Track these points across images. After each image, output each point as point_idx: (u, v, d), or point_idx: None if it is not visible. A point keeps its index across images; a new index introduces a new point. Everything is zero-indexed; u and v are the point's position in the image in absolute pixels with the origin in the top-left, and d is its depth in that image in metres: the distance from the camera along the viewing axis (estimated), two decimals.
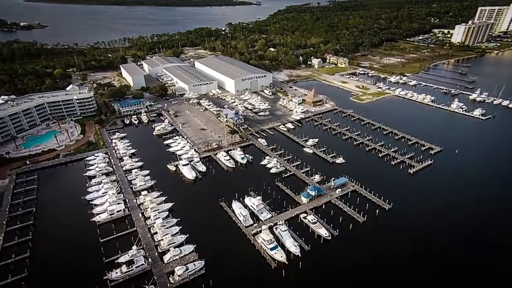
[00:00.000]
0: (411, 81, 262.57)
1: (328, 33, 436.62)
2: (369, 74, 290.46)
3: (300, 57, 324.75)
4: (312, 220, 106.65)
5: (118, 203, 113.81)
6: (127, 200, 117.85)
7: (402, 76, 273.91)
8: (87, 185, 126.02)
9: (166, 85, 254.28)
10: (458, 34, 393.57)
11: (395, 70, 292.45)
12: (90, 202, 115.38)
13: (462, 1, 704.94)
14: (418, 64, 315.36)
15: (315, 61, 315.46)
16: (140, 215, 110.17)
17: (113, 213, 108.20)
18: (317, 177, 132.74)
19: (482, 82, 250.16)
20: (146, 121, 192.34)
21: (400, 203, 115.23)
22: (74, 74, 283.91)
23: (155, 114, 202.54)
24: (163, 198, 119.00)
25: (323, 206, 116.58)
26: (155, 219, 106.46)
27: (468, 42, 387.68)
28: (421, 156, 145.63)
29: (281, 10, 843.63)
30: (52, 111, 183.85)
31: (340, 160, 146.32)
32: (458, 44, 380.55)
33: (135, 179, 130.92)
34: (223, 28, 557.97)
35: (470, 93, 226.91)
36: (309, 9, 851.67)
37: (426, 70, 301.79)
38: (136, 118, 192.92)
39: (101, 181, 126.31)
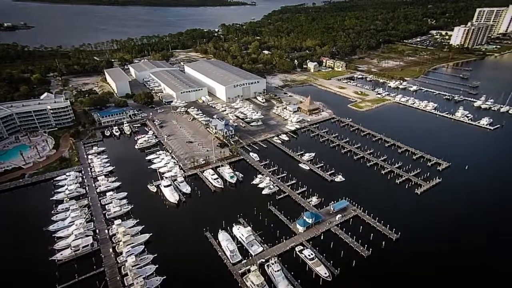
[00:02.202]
0: (411, 86, 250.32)
1: (324, 35, 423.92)
2: (367, 79, 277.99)
3: (295, 61, 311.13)
4: (309, 255, 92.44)
5: (87, 235, 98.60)
6: (97, 230, 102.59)
7: (401, 81, 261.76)
8: (52, 212, 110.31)
9: (153, 91, 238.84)
10: (457, 36, 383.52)
11: (394, 74, 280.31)
12: (53, 235, 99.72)
13: (458, 2, 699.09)
14: (417, 67, 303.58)
15: (311, 65, 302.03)
16: (111, 250, 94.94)
17: (78, 249, 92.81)
18: (314, 200, 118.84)
19: (486, 87, 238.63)
20: (128, 133, 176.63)
21: (409, 231, 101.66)
22: (55, 79, 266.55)
23: (138, 125, 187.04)
24: (140, 228, 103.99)
25: (322, 236, 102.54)
26: (128, 255, 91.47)
27: (468, 44, 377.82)
28: (428, 173, 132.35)
29: (276, 10, 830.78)
30: (22, 122, 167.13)
31: (339, 178, 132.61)
32: (457, 46, 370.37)
33: (109, 203, 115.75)
34: (216, 30, 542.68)
35: (474, 100, 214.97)
36: (304, 9, 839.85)
37: (425, 74, 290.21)
38: (117, 129, 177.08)
39: (68, 207, 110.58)
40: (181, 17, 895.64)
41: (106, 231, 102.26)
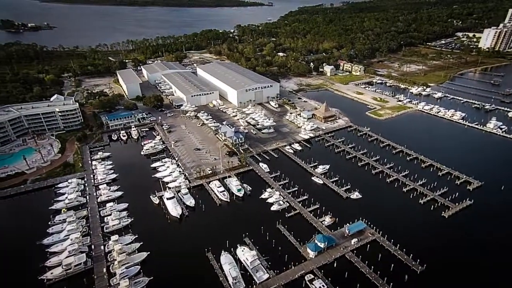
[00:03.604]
0: (435, 93, 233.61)
1: (341, 37, 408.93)
2: (387, 84, 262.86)
3: (311, 64, 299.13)
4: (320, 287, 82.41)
5: (81, 252, 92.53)
6: (93, 246, 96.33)
7: (425, 87, 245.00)
8: (49, 223, 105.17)
9: (163, 94, 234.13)
10: (487, 38, 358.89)
11: (417, 79, 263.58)
12: (47, 249, 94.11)
13: (486, 2, 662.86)
14: (442, 72, 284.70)
15: (328, 68, 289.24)
16: (104, 270, 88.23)
17: (70, 268, 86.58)
18: (327, 219, 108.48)
19: None
20: (135, 137, 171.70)
21: (435, 263, 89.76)
22: (69, 80, 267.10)
23: (147, 129, 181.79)
24: (137, 245, 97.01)
25: (335, 264, 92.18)
26: (121, 278, 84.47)
27: (499, 47, 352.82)
28: (457, 194, 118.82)
29: (293, 11, 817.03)
30: (30, 124, 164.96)
31: (355, 195, 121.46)
32: (487, 49, 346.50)
33: (109, 215, 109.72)
34: (232, 30, 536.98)
35: (508, 109, 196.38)
36: (322, 10, 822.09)
37: (451, 79, 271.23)
38: (125, 134, 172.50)
39: (65, 219, 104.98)
40: (198, 18, 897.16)
41: (102, 247, 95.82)
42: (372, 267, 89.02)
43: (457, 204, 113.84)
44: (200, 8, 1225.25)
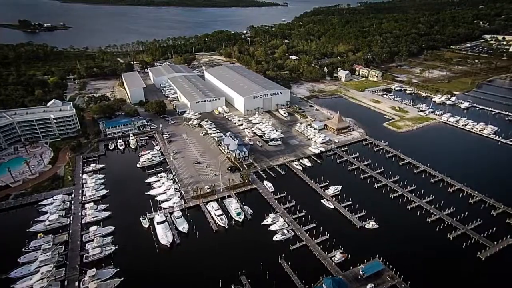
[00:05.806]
0: (462, 102, 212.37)
1: (358, 40, 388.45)
2: (407, 91, 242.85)
3: (325, 68, 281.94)
4: None
5: None
6: (66, 282, 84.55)
7: (449, 95, 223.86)
8: (23, 249, 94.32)
9: (168, 99, 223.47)
10: None
11: (440, 87, 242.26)
12: (12, 285, 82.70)
13: None
14: (469, 79, 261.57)
15: (342, 74, 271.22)
16: None
17: None
18: (337, 255, 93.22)
19: None
20: (133, 147, 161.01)
21: None
22: (73, 82, 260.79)
23: (146, 137, 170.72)
24: (118, 281, 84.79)
25: None
26: None
27: None
28: (494, 228, 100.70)
29: (308, 12, 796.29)
30: (24, 132, 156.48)
31: (371, 224, 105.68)
32: None
33: (91, 241, 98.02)
34: (244, 31, 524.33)
35: None
36: (338, 11, 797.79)
37: (478, 87, 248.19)
38: (122, 143, 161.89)
39: (41, 246, 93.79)
40: (212, 18, 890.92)
41: (77, 283, 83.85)
42: None
43: (495, 242, 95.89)
44: (215, 9, 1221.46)
